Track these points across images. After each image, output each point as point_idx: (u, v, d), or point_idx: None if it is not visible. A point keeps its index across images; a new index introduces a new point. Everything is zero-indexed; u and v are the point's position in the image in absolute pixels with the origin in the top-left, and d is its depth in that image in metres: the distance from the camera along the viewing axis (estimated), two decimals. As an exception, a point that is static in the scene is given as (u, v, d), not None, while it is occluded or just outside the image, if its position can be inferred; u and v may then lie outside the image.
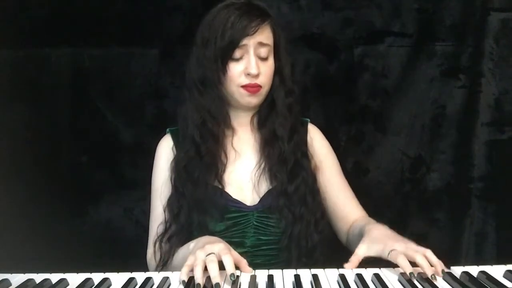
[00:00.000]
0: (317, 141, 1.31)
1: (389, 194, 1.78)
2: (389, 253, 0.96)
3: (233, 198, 1.19)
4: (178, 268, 0.99)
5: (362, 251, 1.02)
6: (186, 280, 0.92)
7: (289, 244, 1.17)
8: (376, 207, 1.77)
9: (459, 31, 1.71)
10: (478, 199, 1.72)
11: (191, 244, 1.05)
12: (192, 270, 0.92)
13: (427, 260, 0.93)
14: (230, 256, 0.92)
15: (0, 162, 1.64)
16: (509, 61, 1.68)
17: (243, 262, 0.97)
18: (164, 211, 1.20)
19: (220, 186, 1.19)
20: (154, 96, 1.75)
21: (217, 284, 0.87)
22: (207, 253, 0.93)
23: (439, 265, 0.93)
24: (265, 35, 1.17)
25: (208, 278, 0.89)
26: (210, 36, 1.16)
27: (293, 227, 1.17)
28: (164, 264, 1.15)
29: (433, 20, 1.71)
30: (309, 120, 1.34)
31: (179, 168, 1.20)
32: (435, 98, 1.74)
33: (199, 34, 1.20)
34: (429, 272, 0.91)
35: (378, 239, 1.03)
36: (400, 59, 1.74)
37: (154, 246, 1.18)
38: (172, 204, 1.19)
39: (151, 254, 1.21)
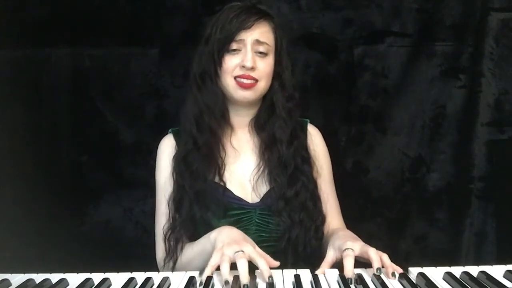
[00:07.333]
0: (316, 143, 1.31)
1: (389, 194, 1.78)
2: (344, 250, 0.98)
3: (235, 195, 1.19)
4: (194, 261, 1.01)
5: (329, 256, 1.04)
6: (204, 279, 0.90)
7: (286, 247, 1.17)
8: (376, 207, 1.78)
9: (459, 31, 1.71)
10: (478, 199, 1.72)
11: (212, 234, 1.05)
12: (217, 269, 0.91)
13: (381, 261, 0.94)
14: (264, 261, 0.92)
15: (0, 162, 1.64)
16: (509, 61, 1.68)
17: (273, 263, 0.97)
18: (168, 207, 1.21)
19: (222, 183, 1.19)
20: (154, 96, 1.75)
21: (245, 286, 0.86)
22: (235, 251, 0.93)
23: (391, 267, 0.94)
24: (263, 34, 1.19)
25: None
26: (211, 33, 1.20)
27: (290, 232, 1.17)
28: (173, 260, 1.15)
29: (433, 20, 1.71)
30: (308, 120, 1.34)
31: (178, 161, 1.22)
32: (435, 98, 1.74)
33: (204, 33, 1.23)
34: (376, 266, 0.92)
35: (340, 239, 1.06)
36: (400, 59, 1.74)
37: (165, 243, 1.18)
38: (174, 198, 1.20)
39: (161, 254, 1.20)
